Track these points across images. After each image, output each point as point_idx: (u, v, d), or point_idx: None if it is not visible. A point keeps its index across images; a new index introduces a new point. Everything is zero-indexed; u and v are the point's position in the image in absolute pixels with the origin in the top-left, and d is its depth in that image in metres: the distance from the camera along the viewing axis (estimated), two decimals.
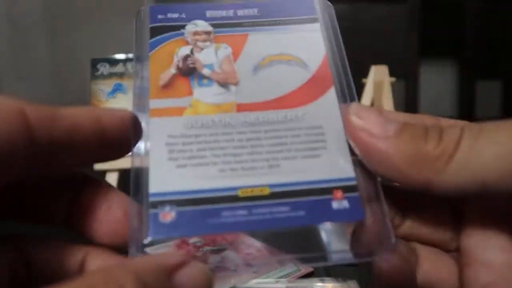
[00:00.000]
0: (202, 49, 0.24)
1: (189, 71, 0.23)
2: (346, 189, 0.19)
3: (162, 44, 0.23)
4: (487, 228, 0.17)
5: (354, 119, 0.18)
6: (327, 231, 0.50)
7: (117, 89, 0.56)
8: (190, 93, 0.22)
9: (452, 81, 1.58)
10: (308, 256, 0.20)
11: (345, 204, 0.19)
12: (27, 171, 0.15)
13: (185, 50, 0.24)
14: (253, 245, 0.44)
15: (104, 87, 0.56)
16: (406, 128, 0.17)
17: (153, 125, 0.21)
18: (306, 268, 0.39)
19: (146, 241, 0.19)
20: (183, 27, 0.24)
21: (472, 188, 0.15)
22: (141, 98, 0.22)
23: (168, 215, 0.19)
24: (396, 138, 0.16)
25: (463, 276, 0.17)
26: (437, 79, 1.51)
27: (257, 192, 0.19)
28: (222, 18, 0.25)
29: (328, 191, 0.19)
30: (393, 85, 0.67)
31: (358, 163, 0.19)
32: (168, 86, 0.22)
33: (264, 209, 0.19)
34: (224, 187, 0.19)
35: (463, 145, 0.15)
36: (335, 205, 0.19)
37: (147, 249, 0.18)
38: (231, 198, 0.19)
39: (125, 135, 0.18)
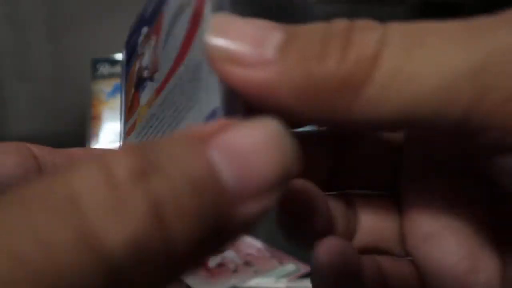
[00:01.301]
0: (145, 53, 0.21)
1: (138, 82, 0.20)
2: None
3: (131, 68, 0.21)
4: (426, 175, 0.14)
5: (214, 41, 0.11)
6: None
7: (117, 89, 0.57)
8: (139, 102, 0.20)
9: None
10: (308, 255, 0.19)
11: None
12: None
13: (138, 64, 0.21)
14: (253, 245, 0.44)
15: (104, 87, 0.56)
16: (291, 43, 0.11)
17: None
18: (306, 268, 0.39)
19: None
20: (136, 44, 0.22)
21: (397, 123, 0.11)
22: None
23: None
24: (279, 62, 0.11)
25: (404, 227, 0.15)
26: None
27: None
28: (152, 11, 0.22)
29: None
30: None
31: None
32: (131, 106, 0.21)
33: None
34: None
35: (382, 66, 0.10)
36: None
37: None
38: None
39: None
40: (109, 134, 0.55)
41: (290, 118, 0.11)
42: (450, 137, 0.12)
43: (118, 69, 0.57)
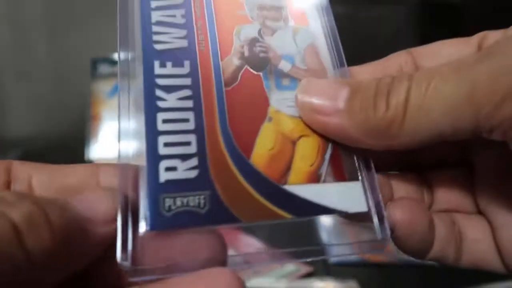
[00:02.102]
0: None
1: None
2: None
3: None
4: (501, 183, 0.17)
5: (301, 97, 0.16)
6: (325, 226, 0.50)
7: (117, 89, 0.57)
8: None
9: None
10: (307, 250, 0.18)
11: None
12: None
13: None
14: (253, 245, 0.44)
15: (104, 87, 0.56)
16: (355, 97, 0.15)
17: None
18: (306, 268, 0.39)
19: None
20: None
21: (434, 140, 0.15)
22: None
23: None
24: (347, 111, 0.15)
25: (496, 238, 0.17)
26: None
27: None
28: None
29: None
30: None
31: None
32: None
33: None
34: None
35: (410, 107, 0.15)
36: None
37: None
38: None
39: None
40: (108, 134, 0.55)
41: (360, 147, 0.16)
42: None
43: (117, 69, 0.57)
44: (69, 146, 0.89)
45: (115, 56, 0.57)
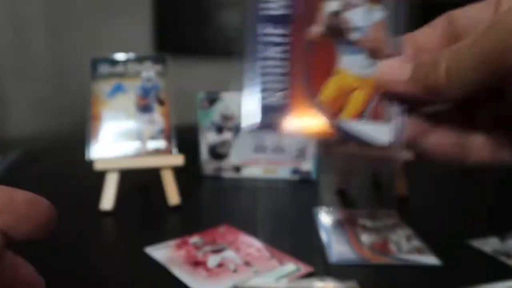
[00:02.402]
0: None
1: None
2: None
3: None
4: None
5: (380, 76, 0.25)
6: (326, 232, 0.51)
7: (117, 89, 0.56)
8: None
9: None
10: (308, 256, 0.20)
11: None
12: None
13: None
14: (253, 245, 0.44)
15: (104, 87, 0.56)
16: (416, 69, 0.24)
17: None
18: (306, 268, 0.39)
19: None
20: None
21: (471, 92, 0.22)
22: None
23: None
24: (412, 80, 0.24)
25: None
26: None
27: None
28: None
29: None
30: None
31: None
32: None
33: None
34: None
35: (452, 72, 0.22)
36: None
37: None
38: None
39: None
40: (108, 134, 0.55)
41: (418, 102, 0.25)
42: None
43: (118, 69, 0.57)
44: (69, 146, 0.89)
45: (115, 56, 0.57)
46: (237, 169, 0.67)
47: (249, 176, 0.67)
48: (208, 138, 0.67)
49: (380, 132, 0.26)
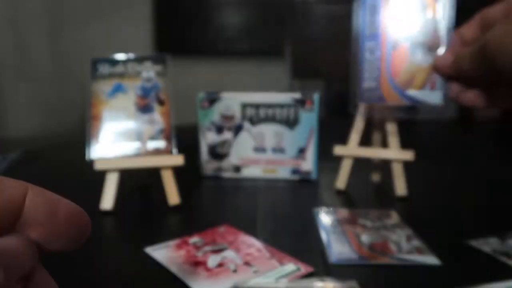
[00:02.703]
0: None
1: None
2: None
3: None
4: None
5: (434, 63, 0.49)
6: (326, 232, 0.50)
7: (117, 89, 0.56)
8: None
9: None
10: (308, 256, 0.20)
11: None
12: None
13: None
14: (253, 245, 0.44)
15: (104, 87, 0.56)
16: (456, 60, 0.45)
17: None
18: (306, 268, 0.39)
19: None
20: None
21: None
22: None
23: None
24: (453, 65, 0.45)
25: None
26: None
27: None
28: None
29: None
30: None
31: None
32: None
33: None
34: None
35: (491, 42, 0.38)
36: None
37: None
38: None
39: None
40: (108, 134, 0.55)
41: (465, 80, 0.45)
42: None
43: (118, 69, 0.57)
44: (69, 146, 0.89)
45: (115, 56, 0.57)
46: (237, 169, 0.67)
47: (249, 176, 0.67)
48: (208, 138, 0.67)
49: (435, 96, 0.51)
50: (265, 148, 0.66)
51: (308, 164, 0.66)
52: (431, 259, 0.41)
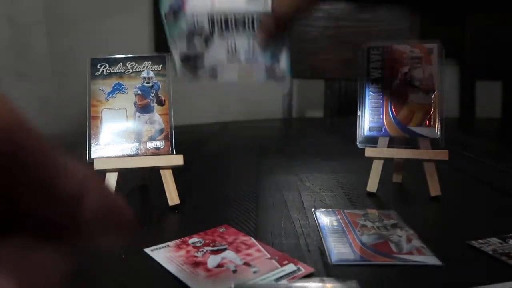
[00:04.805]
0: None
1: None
2: None
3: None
4: None
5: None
6: (326, 232, 0.50)
7: (117, 89, 0.56)
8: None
9: (452, 82, 1.58)
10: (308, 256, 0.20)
11: None
12: None
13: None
14: (253, 246, 0.44)
15: (104, 87, 0.56)
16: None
17: None
18: (306, 268, 0.39)
19: None
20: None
21: None
22: None
23: None
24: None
25: None
26: None
27: None
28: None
29: None
30: None
31: None
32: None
33: None
34: None
35: None
36: None
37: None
38: None
39: None
40: (108, 134, 0.55)
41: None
42: None
43: (118, 69, 0.57)
44: (69, 146, 0.89)
45: (115, 56, 0.57)
46: (213, 74, 0.63)
47: (226, 82, 0.61)
48: (179, 47, 0.60)
49: (431, 132, 0.58)
50: (239, 59, 0.62)
51: (282, 63, 0.62)
52: (431, 259, 0.41)
